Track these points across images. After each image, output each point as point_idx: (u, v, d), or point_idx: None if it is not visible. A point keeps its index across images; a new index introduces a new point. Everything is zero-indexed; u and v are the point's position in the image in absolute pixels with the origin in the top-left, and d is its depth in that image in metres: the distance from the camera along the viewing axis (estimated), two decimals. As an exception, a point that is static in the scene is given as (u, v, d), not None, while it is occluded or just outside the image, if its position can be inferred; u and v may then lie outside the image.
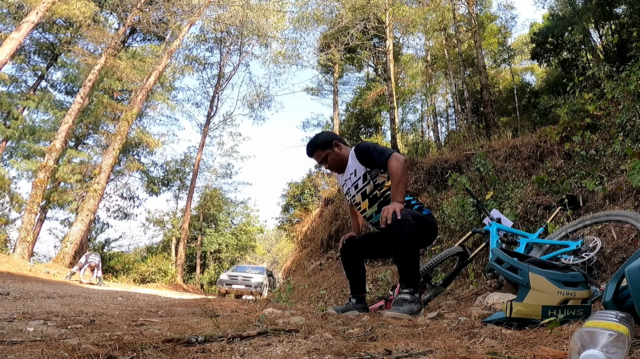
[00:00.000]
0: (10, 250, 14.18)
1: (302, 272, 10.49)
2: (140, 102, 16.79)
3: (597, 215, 2.77)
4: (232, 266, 20.16)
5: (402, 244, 2.12)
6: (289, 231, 18.26)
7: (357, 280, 2.60)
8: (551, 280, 1.38)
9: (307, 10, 16.38)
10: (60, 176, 16.95)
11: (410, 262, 2.14)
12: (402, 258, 2.14)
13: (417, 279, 2.20)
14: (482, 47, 14.62)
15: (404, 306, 2.03)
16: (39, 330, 1.46)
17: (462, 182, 5.13)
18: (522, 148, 6.18)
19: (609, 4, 11.86)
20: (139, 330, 1.46)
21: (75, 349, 0.97)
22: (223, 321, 1.70)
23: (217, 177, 27.41)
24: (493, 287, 3.32)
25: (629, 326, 0.87)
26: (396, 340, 1.17)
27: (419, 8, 14.97)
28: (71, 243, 13.51)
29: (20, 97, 18.19)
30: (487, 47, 18.14)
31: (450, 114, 20.23)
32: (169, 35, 18.32)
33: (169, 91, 23.30)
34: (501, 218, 3.25)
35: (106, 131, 20.28)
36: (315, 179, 18.93)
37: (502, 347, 1.02)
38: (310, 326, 1.45)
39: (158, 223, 25.57)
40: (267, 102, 24.62)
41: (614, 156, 4.29)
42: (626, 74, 5.06)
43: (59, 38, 19.05)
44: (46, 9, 12.99)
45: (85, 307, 2.80)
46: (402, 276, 2.17)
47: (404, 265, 2.14)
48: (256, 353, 1.01)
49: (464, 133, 11.29)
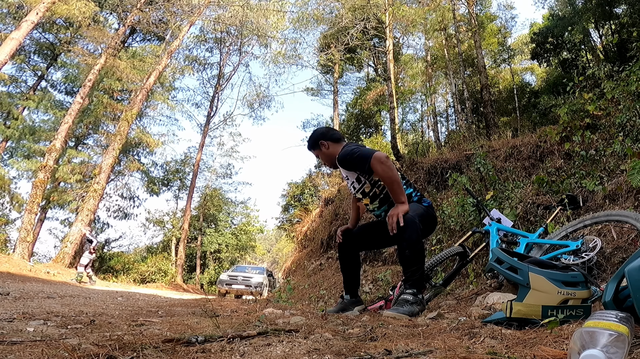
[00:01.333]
0: (10, 250, 14.18)
1: (302, 272, 10.49)
2: (140, 102, 16.79)
3: (597, 215, 2.77)
4: (232, 266, 20.16)
5: (409, 247, 2.17)
6: (289, 231, 18.27)
7: (352, 275, 2.61)
8: (551, 280, 1.38)
9: (307, 10, 16.38)
10: (60, 176, 16.95)
11: (417, 263, 2.19)
12: (409, 259, 2.19)
13: (422, 280, 2.25)
14: (482, 47, 14.62)
15: (404, 306, 2.04)
16: (39, 330, 1.46)
17: (462, 182, 5.13)
18: (522, 148, 6.18)
19: (609, 4, 11.86)
20: (139, 330, 1.46)
21: (75, 349, 0.97)
22: (223, 321, 1.70)
23: (217, 177, 27.43)
24: (493, 287, 3.32)
25: (629, 326, 0.87)
26: (396, 340, 1.17)
27: (419, 8, 14.96)
28: (71, 243, 13.51)
29: (20, 97, 18.18)
30: (487, 47, 18.14)
31: (450, 114, 20.24)
32: (169, 35, 18.32)
33: (169, 91, 23.29)
34: (501, 218, 3.25)
35: (106, 131, 20.28)
36: (315, 179, 18.92)
37: (502, 347, 1.02)
38: (310, 326, 1.45)
39: (158, 223, 25.56)
40: (267, 102, 24.64)
41: (614, 156, 4.29)
42: (626, 74, 5.06)
43: (59, 38, 19.04)
44: (46, 9, 12.98)
45: (85, 307, 2.80)
46: (407, 276, 2.21)
47: (410, 266, 2.19)
48: (256, 353, 1.01)
49: (464, 133, 11.30)
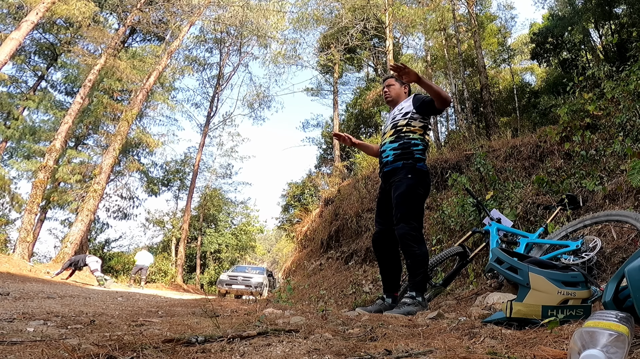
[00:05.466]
0: (10, 250, 14.17)
1: (302, 272, 10.48)
2: (140, 102, 16.77)
3: (597, 215, 2.77)
4: (232, 267, 20.14)
5: (416, 262, 2.37)
6: (289, 231, 18.26)
7: (392, 275, 2.62)
8: (551, 280, 1.38)
9: (307, 10, 16.39)
10: (60, 176, 16.93)
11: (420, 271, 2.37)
12: (412, 267, 2.38)
13: (422, 283, 2.36)
14: (482, 47, 14.62)
15: (401, 308, 2.17)
16: (39, 330, 1.46)
17: (462, 182, 5.12)
18: (522, 148, 6.18)
19: (608, 4, 11.86)
20: (139, 330, 1.46)
21: (75, 349, 0.97)
22: (223, 321, 1.70)
23: (217, 177, 27.40)
24: (493, 287, 3.32)
25: (629, 326, 0.87)
26: (396, 340, 1.17)
27: (418, 8, 14.96)
28: (71, 243, 13.49)
29: (21, 98, 18.16)
30: (487, 47, 18.14)
31: (450, 114, 20.20)
32: (169, 35, 18.31)
33: (169, 91, 23.27)
34: (501, 218, 3.25)
35: (106, 131, 20.25)
36: (315, 179, 18.89)
37: (502, 347, 1.02)
38: (310, 326, 1.44)
39: (158, 223, 25.54)
40: (267, 102, 24.64)
41: (614, 156, 4.29)
42: (626, 74, 5.05)
43: (59, 38, 19.02)
44: (46, 9, 12.97)
45: (85, 307, 2.80)
46: (409, 279, 2.39)
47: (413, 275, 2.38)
48: (256, 353, 1.01)
49: (464, 133, 11.30)
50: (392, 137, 2.61)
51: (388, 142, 2.63)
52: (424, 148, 2.58)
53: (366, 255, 7.43)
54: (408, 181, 2.44)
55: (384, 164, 2.64)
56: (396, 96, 2.78)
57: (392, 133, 2.63)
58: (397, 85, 2.80)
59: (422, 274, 2.33)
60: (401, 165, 2.51)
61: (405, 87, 2.81)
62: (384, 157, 2.65)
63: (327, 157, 22.61)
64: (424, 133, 2.62)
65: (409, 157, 2.51)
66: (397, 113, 2.70)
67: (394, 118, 2.70)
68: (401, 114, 2.66)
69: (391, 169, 2.56)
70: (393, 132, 2.63)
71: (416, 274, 2.32)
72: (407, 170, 2.48)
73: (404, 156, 2.52)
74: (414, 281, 2.31)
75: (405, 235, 2.37)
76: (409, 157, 2.51)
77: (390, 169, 2.57)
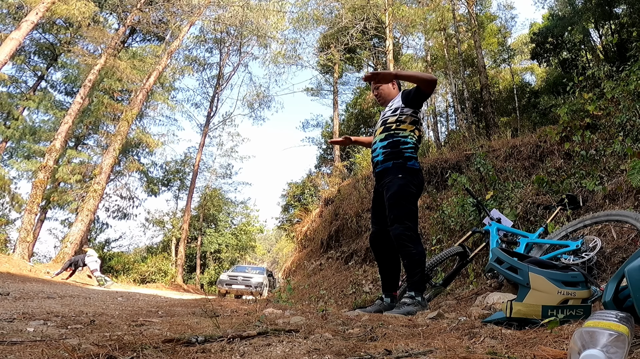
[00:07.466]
0: (10, 250, 14.16)
1: (302, 272, 10.48)
2: (140, 102, 16.77)
3: (597, 215, 2.77)
4: (232, 266, 20.14)
5: (413, 262, 2.36)
6: (289, 231, 18.26)
7: (390, 274, 2.62)
8: (551, 280, 1.38)
9: (307, 10, 16.39)
10: (60, 176, 16.93)
11: (417, 270, 2.36)
12: (409, 267, 2.37)
13: (421, 283, 2.36)
14: (482, 47, 14.62)
15: (401, 308, 2.17)
16: (39, 330, 1.46)
17: (462, 182, 5.13)
18: (522, 148, 6.18)
19: (608, 4, 11.86)
20: (139, 330, 1.46)
21: (75, 349, 0.97)
22: (223, 321, 1.70)
23: (217, 177, 27.38)
24: (493, 287, 3.32)
25: (629, 326, 0.87)
26: (396, 340, 1.17)
27: (418, 8, 14.97)
28: (71, 243, 13.49)
29: (20, 98, 18.15)
30: (487, 47, 18.14)
31: (450, 114, 20.24)
32: (169, 35, 18.30)
33: (169, 91, 23.26)
34: (501, 218, 3.25)
35: (106, 131, 20.24)
36: (315, 179, 18.88)
37: (502, 347, 1.02)
38: (310, 326, 1.44)
39: (158, 223, 25.52)
40: (267, 102, 24.65)
41: (614, 156, 4.29)
42: (626, 74, 5.05)
43: (59, 38, 19.02)
44: (46, 9, 12.97)
45: (85, 307, 2.80)
46: (407, 279, 2.39)
47: (411, 274, 2.37)
48: (256, 353, 1.01)
49: (464, 133, 11.30)
50: (382, 135, 2.62)
51: (378, 141, 2.63)
52: (414, 145, 2.57)
53: (366, 255, 7.43)
54: (399, 181, 2.44)
55: (375, 164, 2.65)
56: (387, 95, 2.79)
57: (382, 131, 2.63)
58: (384, 84, 2.82)
59: (419, 273, 2.32)
60: (391, 165, 2.51)
61: (394, 84, 2.82)
62: (374, 156, 2.66)
63: (327, 157, 22.63)
64: (415, 129, 2.61)
65: (399, 156, 2.51)
66: (387, 110, 2.71)
67: (384, 115, 2.72)
68: (391, 110, 2.67)
69: (382, 169, 2.56)
70: (382, 130, 2.63)
71: (414, 274, 2.32)
72: (398, 170, 2.48)
73: (394, 155, 2.52)
74: (413, 281, 2.31)
75: (400, 236, 2.37)
76: (399, 156, 2.51)
77: (382, 169, 2.57)
